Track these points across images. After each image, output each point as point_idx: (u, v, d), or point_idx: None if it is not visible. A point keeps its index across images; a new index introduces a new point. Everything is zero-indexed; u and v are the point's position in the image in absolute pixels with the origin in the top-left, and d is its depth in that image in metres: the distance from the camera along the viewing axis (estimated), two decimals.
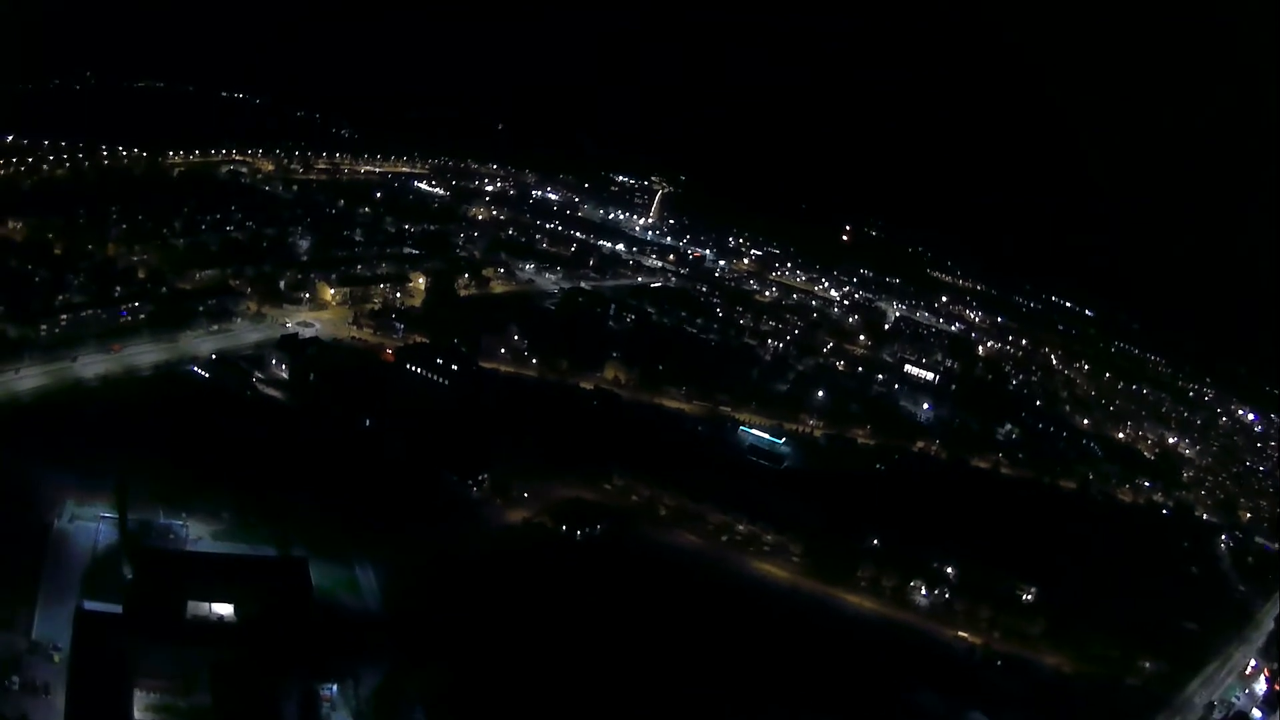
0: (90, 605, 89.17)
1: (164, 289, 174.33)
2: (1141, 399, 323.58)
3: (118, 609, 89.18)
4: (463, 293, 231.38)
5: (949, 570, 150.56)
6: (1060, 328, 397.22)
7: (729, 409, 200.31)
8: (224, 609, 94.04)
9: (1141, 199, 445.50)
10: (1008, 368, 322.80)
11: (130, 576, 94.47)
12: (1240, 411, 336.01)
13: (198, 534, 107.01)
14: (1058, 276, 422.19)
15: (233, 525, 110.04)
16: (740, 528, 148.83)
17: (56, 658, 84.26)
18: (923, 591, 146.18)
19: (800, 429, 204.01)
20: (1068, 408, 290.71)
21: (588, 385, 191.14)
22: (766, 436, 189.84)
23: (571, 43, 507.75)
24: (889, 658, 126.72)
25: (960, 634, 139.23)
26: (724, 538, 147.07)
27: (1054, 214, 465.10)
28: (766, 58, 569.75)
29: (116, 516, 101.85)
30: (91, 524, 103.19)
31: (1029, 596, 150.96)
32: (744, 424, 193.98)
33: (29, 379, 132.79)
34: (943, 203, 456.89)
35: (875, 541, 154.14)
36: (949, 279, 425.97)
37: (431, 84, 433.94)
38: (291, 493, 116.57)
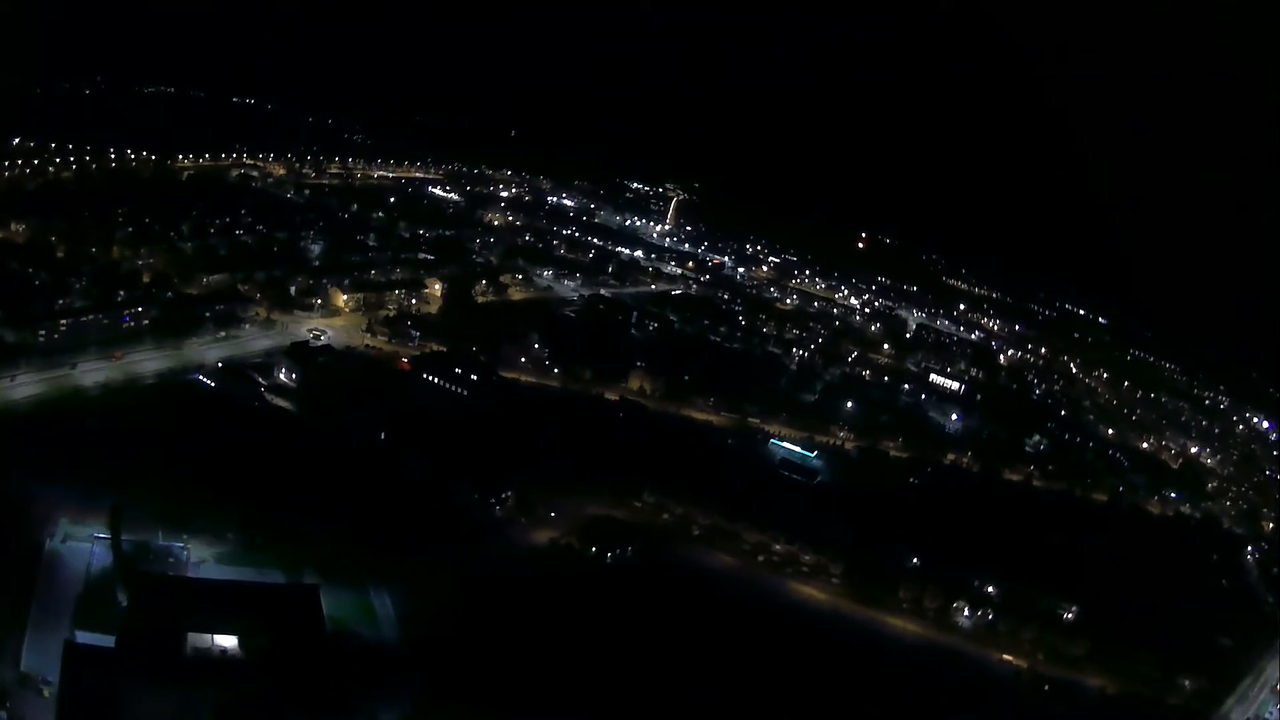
0: (82, 636, 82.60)
1: (169, 293, 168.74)
2: (1160, 407, 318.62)
3: (111, 640, 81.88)
4: (480, 299, 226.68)
5: (990, 589, 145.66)
6: (1076, 335, 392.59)
7: (757, 420, 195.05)
8: (227, 641, 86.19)
9: (1147, 202, 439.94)
10: (1030, 376, 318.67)
11: (125, 604, 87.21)
12: (1255, 419, 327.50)
13: (199, 557, 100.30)
14: (1069, 283, 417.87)
15: (238, 547, 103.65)
16: (777, 547, 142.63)
17: (46, 692, 78.02)
18: (965, 613, 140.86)
19: (830, 441, 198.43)
20: (1091, 417, 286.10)
21: (612, 396, 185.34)
22: (798, 450, 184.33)
23: (582, 47, 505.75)
24: (935, 684, 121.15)
25: (1005, 657, 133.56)
26: (760, 558, 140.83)
27: (1062, 219, 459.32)
28: (772, 60, 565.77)
29: (110, 537, 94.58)
30: (85, 545, 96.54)
31: (1070, 615, 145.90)
32: (774, 436, 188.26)
33: (24, 386, 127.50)
34: (953, 209, 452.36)
35: (915, 560, 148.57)
36: (964, 286, 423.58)
37: (444, 90, 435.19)
38: (302, 512, 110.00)
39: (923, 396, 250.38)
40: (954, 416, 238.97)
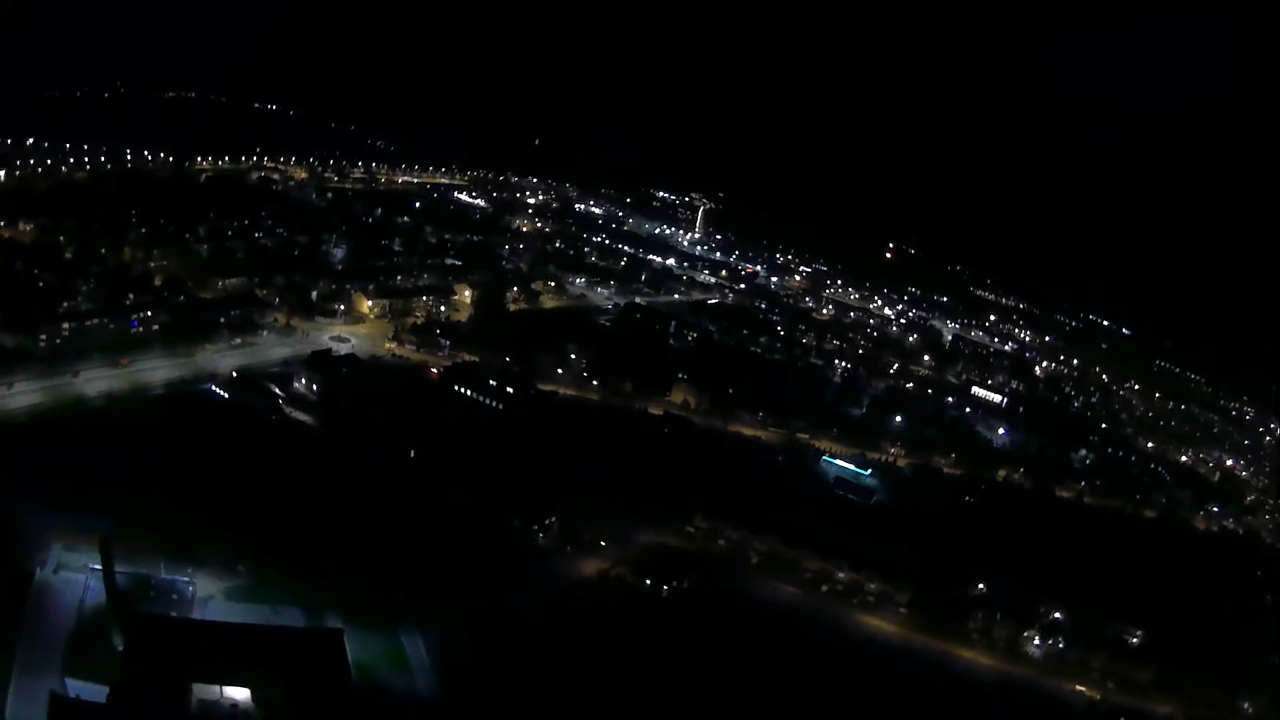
0: (72, 685, 73.36)
1: (182, 297, 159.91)
2: (1192, 419, 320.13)
3: (104, 692, 71.81)
4: (512, 307, 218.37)
5: (1057, 615, 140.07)
6: (1104, 346, 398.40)
7: (806, 436, 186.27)
8: (238, 694, 76.76)
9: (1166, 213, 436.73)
10: (1067, 388, 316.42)
11: (120, 649, 76.79)
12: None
13: (207, 593, 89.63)
14: (1090, 293, 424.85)
15: (250, 583, 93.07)
16: (840, 575, 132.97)
17: None
18: (1035, 642, 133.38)
19: (882, 458, 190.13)
20: (1129, 429, 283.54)
21: (655, 410, 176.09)
22: (851, 468, 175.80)
23: (607, 56, 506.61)
24: None
25: (1078, 688, 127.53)
26: (824, 587, 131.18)
27: (1084, 230, 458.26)
28: (794, 72, 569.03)
29: (102, 570, 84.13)
30: (80, 575, 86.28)
31: (1135, 640, 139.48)
32: (825, 453, 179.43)
33: (22, 395, 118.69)
34: (976, 220, 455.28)
35: (980, 586, 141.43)
36: (991, 297, 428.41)
37: (469, 96, 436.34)
38: (323, 542, 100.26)
39: (967, 410, 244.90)
40: (1000, 430, 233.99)
